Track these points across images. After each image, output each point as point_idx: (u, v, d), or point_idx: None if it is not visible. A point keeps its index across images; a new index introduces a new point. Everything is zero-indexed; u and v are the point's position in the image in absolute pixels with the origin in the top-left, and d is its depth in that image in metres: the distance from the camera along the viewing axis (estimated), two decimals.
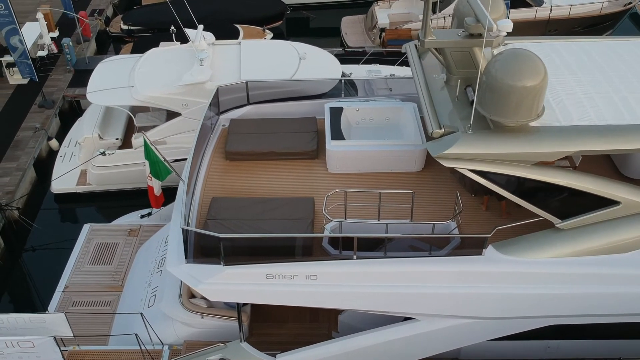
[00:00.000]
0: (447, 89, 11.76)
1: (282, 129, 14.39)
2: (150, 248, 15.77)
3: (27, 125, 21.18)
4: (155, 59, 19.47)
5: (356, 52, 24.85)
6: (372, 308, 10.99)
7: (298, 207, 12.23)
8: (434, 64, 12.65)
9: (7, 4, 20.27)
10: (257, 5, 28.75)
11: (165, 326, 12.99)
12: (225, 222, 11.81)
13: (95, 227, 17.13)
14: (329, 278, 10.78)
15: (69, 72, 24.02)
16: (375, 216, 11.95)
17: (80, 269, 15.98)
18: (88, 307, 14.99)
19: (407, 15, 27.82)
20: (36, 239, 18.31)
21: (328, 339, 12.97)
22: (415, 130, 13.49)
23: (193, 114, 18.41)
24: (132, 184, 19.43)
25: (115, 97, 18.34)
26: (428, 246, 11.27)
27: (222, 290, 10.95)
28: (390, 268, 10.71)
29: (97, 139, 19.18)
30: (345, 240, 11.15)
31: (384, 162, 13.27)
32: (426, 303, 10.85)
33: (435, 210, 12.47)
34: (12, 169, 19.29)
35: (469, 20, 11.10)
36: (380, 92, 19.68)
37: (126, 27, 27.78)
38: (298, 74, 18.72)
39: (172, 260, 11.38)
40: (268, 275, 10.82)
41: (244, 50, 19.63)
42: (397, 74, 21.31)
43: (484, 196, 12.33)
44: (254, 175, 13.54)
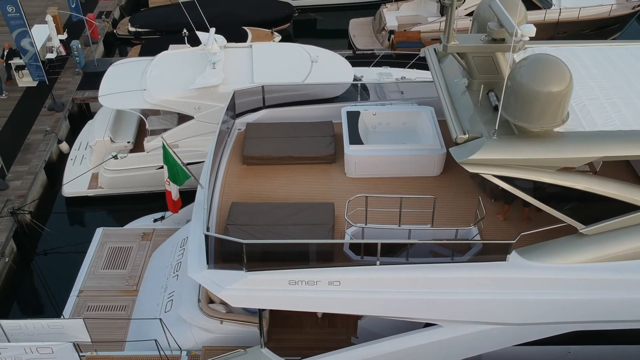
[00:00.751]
0: (468, 93, 11.72)
1: (299, 133, 14.34)
2: (165, 252, 15.71)
3: (37, 129, 21.10)
4: (166, 62, 19.41)
5: (365, 55, 24.80)
6: (396, 314, 10.95)
7: (318, 212, 12.18)
8: (453, 68, 12.62)
9: (17, 7, 20.21)
10: (264, 7, 28.73)
11: (184, 331, 12.94)
12: (245, 227, 11.75)
13: (108, 231, 17.09)
14: (352, 284, 10.73)
15: (78, 74, 23.95)
16: (395, 221, 11.90)
17: (94, 273, 15.93)
18: (103, 311, 14.95)
19: (415, 18, 27.79)
20: (48, 242, 18.24)
21: (347, 344, 12.96)
22: (434, 135, 13.44)
23: (206, 117, 18.37)
24: (144, 187, 19.36)
25: (128, 100, 18.27)
26: (449, 251, 11.22)
27: (244, 297, 10.89)
28: (414, 274, 10.66)
29: (109, 142, 19.11)
30: (367, 245, 11.11)
31: (402, 167, 13.23)
32: (450, 309, 10.80)
33: (455, 215, 12.42)
34: (23, 172, 19.21)
35: (492, 25, 11.05)
36: (392, 95, 19.64)
37: (134, 29, 27.76)
38: (310, 77, 18.65)
39: (193, 266, 11.32)
40: (291, 281, 10.77)
41: (255, 53, 19.58)
42: (408, 76, 21.26)
43: (505, 205, 12.27)
44: (271, 180, 13.49)
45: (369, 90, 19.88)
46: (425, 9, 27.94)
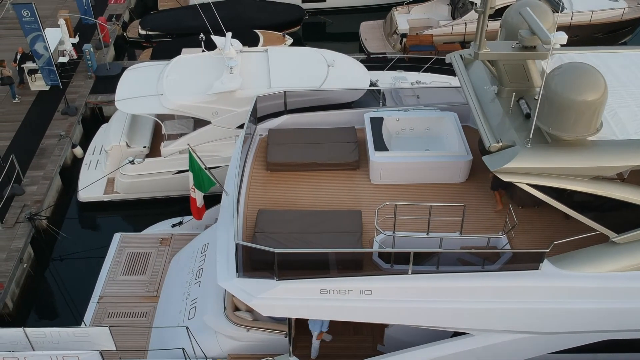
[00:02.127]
0: (498, 100, 11.67)
1: (322, 139, 14.28)
2: (185, 258, 15.64)
3: (51, 133, 21.02)
4: (182, 66, 19.33)
5: (378, 58, 24.74)
6: (428, 323, 10.89)
7: (346, 220, 12.12)
8: (479, 75, 12.58)
9: (33, 11, 20.11)
10: (275, 10, 28.68)
11: (209, 339, 12.88)
12: (273, 235, 11.69)
13: (126, 236, 17.01)
14: (384, 293, 10.67)
15: (90, 78, 23.86)
16: (422, 229, 11.84)
17: (113, 279, 15.85)
18: (124, 318, 14.87)
19: (426, 21, 27.74)
20: (65, 248, 18.15)
21: (373, 352, 12.92)
22: (459, 141, 13.39)
23: (223, 122, 18.32)
24: (160, 192, 19.29)
25: (145, 105, 18.19)
26: (477, 260, 11.17)
27: (275, 306, 10.83)
28: (447, 283, 10.61)
29: (125, 147, 19.04)
30: (396, 253, 11.06)
31: (428, 173, 13.18)
32: (482, 318, 10.76)
33: (481, 222, 12.37)
34: (39, 177, 19.12)
35: (524, 32, 11.01)
36: (408, 100, 19.60)
37: (144, 33, 27.67)
38: (327, 81, 18.59)
39: (222, 275, 11.26)
40: (322, 290, 10.71)
41: (271, 58, 19.50)
42: (422, 80, 21.23)
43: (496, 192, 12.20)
44: (296, 187, 13.43)
45: (385, 95, 19.84)
46: (437, 12, 27.88)
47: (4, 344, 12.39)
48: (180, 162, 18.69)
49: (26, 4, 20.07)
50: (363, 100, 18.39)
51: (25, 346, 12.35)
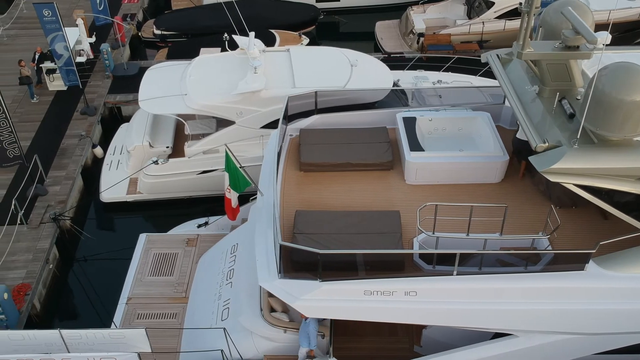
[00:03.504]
0: (539, 100, 11.61)
1: (354, 139, 14.22)
2: (214, 259, 15.57)
3: (71, 133, 20.92)
4: (204, 66, 19.24)
5: (395, 58, 24.67)
6: (472, 325, 10.84)
7: (384, 220, 12.05)
8: (517, 74, 12.52)
9: (54, 10, 20.00)
10: (291, 10, 28.61)
11: (244, 340, 12.80)
12: (313, 236, 11.61)
13: (152, 237, 16.93)
14: (428, 294, 10.61)
15: (108, 78, 23.77)
16: (460, 229, 11.77)
17: (141, 280, 15.77)
18: (154, 319, 14.79)
19: (442, 20, 27.69)
20: (89, 248, 18.07)
21: (409, 353, 12.88)
22: (494, 141, 13.33)
23: (247, 122, 18.24)
24: (184, 192, 19.22)
25: (168, 105, 18.10)
26: (518, 260, 11.12)
27: (318, 307, 10.77)
28: (493, 284, 10.56)
29: (148, 147, 18.95)
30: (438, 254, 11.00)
31: (463, 174, 13.12)
32: (527, 319, 10.70)
33: (519, 223, 12.30)
34: (61, 177, 19.03)
35: (568, 32, 10.95)
36: (430, 99, 19.55)
37: (159, 32, 27.57)
38: (351, 81, 18.51)
39: (263, 275, 11.20)
40: (366, 291, 10.64)
41: (293, 57, 19.43)
42: (443, 80, 21.16)
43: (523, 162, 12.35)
44: (330, 187, 13.37)
45: (407, 95, 19.80)
46: (452, 11, 27.84)
47: (40, 345, 12.33)
48: (205, 162, 18.64)
49: (47, 4, 19.96)
50: (386, 100, 18.35)
51: (60, 347, 12.29)
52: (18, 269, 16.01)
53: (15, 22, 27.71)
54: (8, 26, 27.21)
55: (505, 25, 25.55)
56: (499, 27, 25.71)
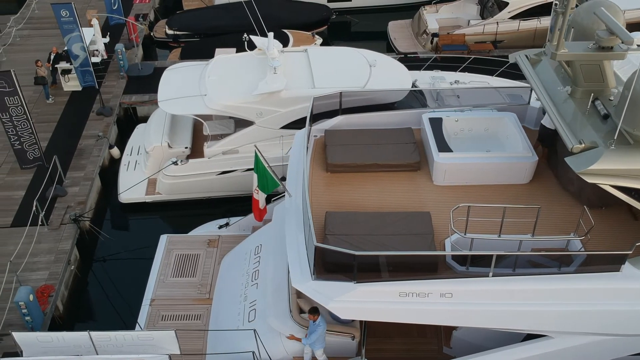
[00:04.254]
0: (571, 101, 11.58)
1: (380, 140, 14.19)
2: (237, 259, 15.54)
3: (88, 134, 20.88)
4: (223, 66, 19.21)
5: (409, 58, 24.63)
6: (508, 326, 10.81)
7: (415, 221, 12.01)
8: (548, 75, 12.49)
9: (72, 11, 19.95)
10: (303, 10, 28.59)
11: (273, 342, 12.75)
12: (345, 237, 11.57)
13: (173, 237, 16.90)
14: (464, 296, 10.58)
15: (122, 78, 23.72)
16: (490, 230, 11.73)
17: (163, 281, 15.74)
18: (178, 321, 14.76)
19: (455, 20, 27.69)
20: (108, 249, 18.03)
21: (439, 354, 12.86)
22: (523, 142, 13.30)
23: (267, 122, 18.20)
24: (203, 193, 19.19)
25: (188, 105, 18.05)
26: (550, 262, 11.09)
27: (353, 309, 10.73)
28: (529, 286, 10.53)
29: (167, 147, 18.91)
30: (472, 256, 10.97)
31: (492, 174, 13.09)
32: (562, 320, 10.67)
33: (549, 223, 12.26)
34: (79, 178, 18.99)
35: (602, 33, 10.92)
36: (448, 100, 19.49)
37: (171, 32, 27.54)
38: (370, 81, 18.47)
39: (296, 277, 11.16)
40: (402, 293, 10.61)
41: (312, 58, 19.39)
42: (461, 80, 21.11)
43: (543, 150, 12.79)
44: (357, 188, 13.33)
45: (425, 95, 19.76)
46: (465, 11, 27.82)
47: (68, 347, 12.28)
48: (224, 163, 18.61)
49: (65, 4, 19.90)
50: (404, 100, 18.30)
51: (89, 349, 12.23)
52: (40, 270, 15.97)
53: (28, 22, 27.70)
54: (21, 26, 27.16)
55: (520, 26, 25.53)
56: (514, 27, 25.69)
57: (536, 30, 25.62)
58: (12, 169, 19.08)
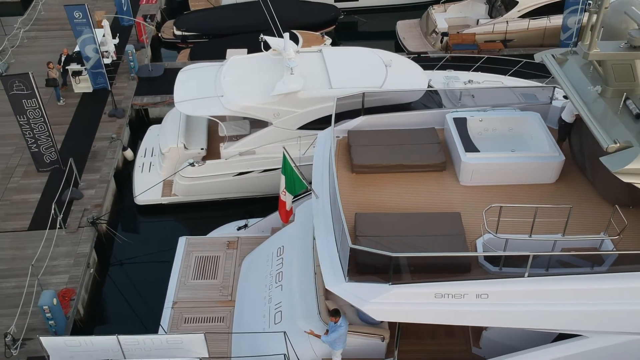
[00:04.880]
0: (602, 100, 11.58)
1: (404, 140, 14.16)
2: (259, 261, 15.48)
3: (101, 135, 20.77)
4: (238, 67, 19.13)
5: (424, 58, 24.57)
6: (543, 326, 10.79)
7: (446, 222, 11.98)
8: (575, 74, 12.49)
9: (85, 12, 19.81)
10: (311, 10, 28.55)
11: (301, 343, 12.69)
12: (376, 238, 11.53)
13: (192, 239, 16.82)
14: (500, 297, 10.56)
15: (133, 79, 23.61)
16: (520, 230, 11.71)
17: (184, 284, 15.66)
18: (202, 323, 14.68)
19: (464, 20, 27.71)
20: (126, 252, 17.93)
21: (468, 355, 12.84)
22: (549, 141, 13.30)
23: (284, 123, 18.14)
24: (220, 194, 19.11)
25: (205, 106, 17.96)
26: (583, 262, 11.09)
27: (388, 310, 10.69)
28: (565, 285, 10.52)
29: (182, 149, 18.82)
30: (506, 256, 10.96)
31: (519, 174, 13.08)
32: (599, 320, 10.67)
33: (576, 222, 12.23)
34: (95, 180, 18.88)
35: (634, 32, 10.92)
36: (464, 99, 19.49)
37: (179, 33, 27.43)
38: (387, 82, 18.44)
39: (330, 279, 11.11)
40: (437, 294, 10.58)
41: (327, 58, 19.34)
42: (475, 79, 21.12)
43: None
44: (384, 189, 13.29)
45: (440, 95, 19.75)
46: (474, 10, 27.84)
47: (96, 351, 12.20)
48: (241, 164, 18.54)
49: (79, 5, 19.77)
50: (420, 100, 18.28)
51: (117, 353, 12.16)
52: (60, 274, 15.86)
53: (35, 24, 27.53)
54: (27, 28, 27.00)
55: (530, 25, 25.55)
56: (523, 26, 25.72)
57: (545, 29, 25.66)
58: (27, 172, 18.95)
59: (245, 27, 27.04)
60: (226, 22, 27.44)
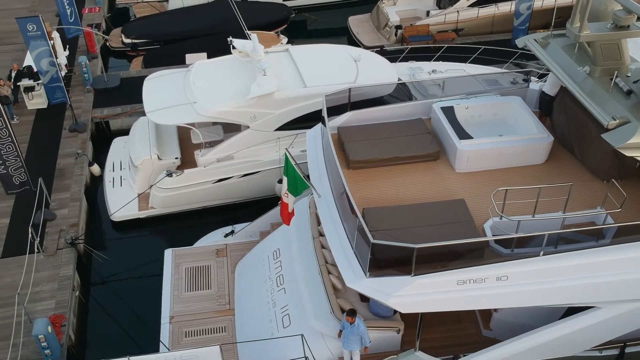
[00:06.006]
0: (591, 80, 12.05)
1: (395, 133, 14.28)
2: (254, 266, 15.25)
3: (64, 152, 19.85)
4: (206, 72, 18.72)
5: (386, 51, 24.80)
6: (560, 302, 11.13)
7: (452, 210, 12.17)
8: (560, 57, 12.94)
9: (39, 25, 18.82)
10: (263, 10, 28.28)
11: (317, 344, 12.59)
12: (389, 231, 11.57)
13: (179, 251, 16.39)
14: (519, 277, 10.83)
15: (89, 92, 22.68)
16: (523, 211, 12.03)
17: (179, 297, 15.24)
18: (203, 335, 14.34)
19: (413, 12, 28.15)
20: (109, 270, 17.21)
21: (478, 337, 13.10)
22: (536, 123, 13.72)
23: (261, 125, 17.91)
24: (199, 203, 18.65)
25: (179, 114, 17.43)
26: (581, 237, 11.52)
27: (413, 302, 10.76)
28: (579, 260, 10.89)
29: (157, 160, 18.25)
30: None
31: (511, 157, 13.45)
32: (610, 290, 11.08)
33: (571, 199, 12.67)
34: (66, 199, 18.04)
35: (620, 12, 11.41)
36: (431, 89, 19.85)
37: (129, 41, 26.58)
38: (359, 76, 18.50)
39: (349, 277, 11.08)
40: (459, 281, 10.73)
41: (295, 57, 19.22)
42: (438, 69, 21.52)
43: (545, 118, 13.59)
44: (383, 182, 13.37)
45: (408, 87, 20.01)
46: (422, 2, 28.29)
47: None
48: (221, 170, 18.16)
49: (32, 17, 18.77)
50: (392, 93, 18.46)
51: None
52: (46, 300, 15.08)
53: None
54: None
55: (479, 13, 26.25)
56: (473, 14, 26.39)
57: (494, 16, 26.43)
58: None
59: (198, 30, 26.52)
60: (177, 27, 26.79)
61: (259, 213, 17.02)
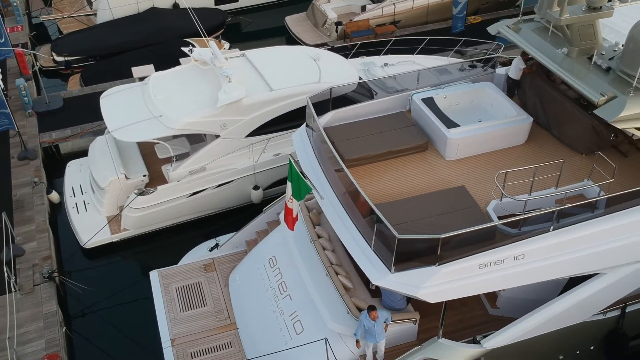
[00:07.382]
0: (569, 60, 12.73)
1: (382, 128, 14.47)
2: (250, 276, 15.01)
3: (18, 182, 18.65)
4: (165, 83, 18.15)
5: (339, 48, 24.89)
6: (570, 273, 11.68)
7: (455, 197, 12.50)
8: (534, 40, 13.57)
9: None
10: (198, 17, 27.46)
11: (337, 346, 12.59)
12: (404, 225, 11.72)
13: (164, 271, 15.89)
14: (534, 254, 11.27)
15: (31, 116, 21.39)
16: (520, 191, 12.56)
17: (175, 318, 14.79)
18: (210, 354, 14.01)
19: (348, 7, 28.54)
20: (91, 300, 16.31)
21: (486, 317, 13.55)
22: (513, 106, 14.32)
23: (232, 133, 17.59)
24: (177, 219, 18.07)
25: (146, 130, 16.80)
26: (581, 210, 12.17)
27: (441, 291, 10.97)
28: (586, 231, 11.47)
29: (124, 179, 17.53)
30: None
31: (497, 141, 13.98)
32: (615, 255, 11.75)
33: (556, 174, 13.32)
34: (32, 232, 16.97)
35: None
36: (388, 82, 20.19)
37: (62, 59, 25.26)
38: (323, 75, 18.55)
39: (373, 274, 11.14)
40: (481, 264, 11.05)
41: (253, 61, 18.99)
42: (389, 62, 21.92)
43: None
44: (379, 178, 13.51)
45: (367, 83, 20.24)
46: None
47: None
48: (194, 183, 17.67)
49: None
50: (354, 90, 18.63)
51: None
52: (34, 340, 14.17)
53: None
54: None
55: (414, 4, 26.94)
56: (408, 6, 27.05)
57: (429, 6, 27.24)
58: None
59: (134, 42, 25.62)
60: (112, 40, 25.73)
61: (240, 223, 16.75)
